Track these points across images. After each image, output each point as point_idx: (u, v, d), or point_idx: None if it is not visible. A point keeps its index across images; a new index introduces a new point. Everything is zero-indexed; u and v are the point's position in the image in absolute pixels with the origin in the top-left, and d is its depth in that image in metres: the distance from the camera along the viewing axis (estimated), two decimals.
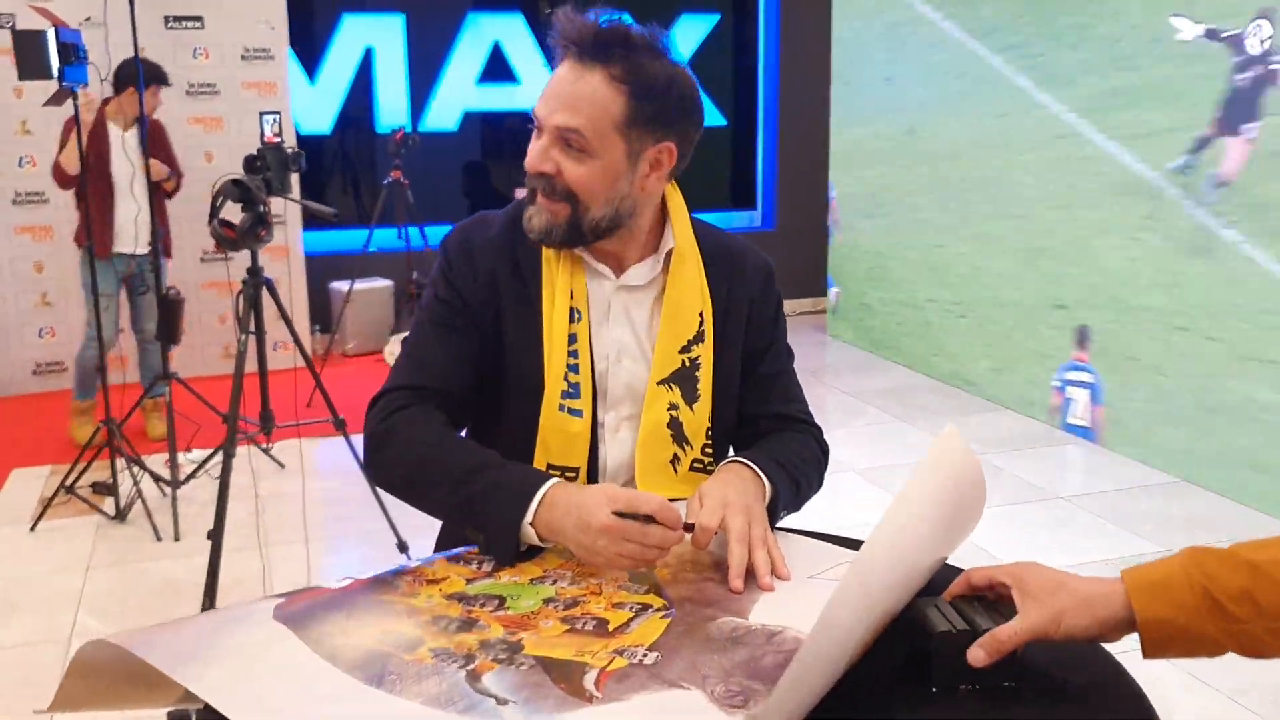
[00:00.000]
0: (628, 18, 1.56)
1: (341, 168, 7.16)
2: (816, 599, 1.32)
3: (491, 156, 7.42)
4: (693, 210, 1.64)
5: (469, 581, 1.36)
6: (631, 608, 1.29)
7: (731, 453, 1.68)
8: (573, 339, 1.56)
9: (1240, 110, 4.21)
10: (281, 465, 4.45)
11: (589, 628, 1.25)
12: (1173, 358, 4.62)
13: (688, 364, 1.59)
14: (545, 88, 1.52)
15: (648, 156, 1.52)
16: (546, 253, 1.58)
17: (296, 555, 3.78)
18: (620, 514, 1.34)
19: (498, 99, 7.21)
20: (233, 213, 2.86)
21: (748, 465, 1.52)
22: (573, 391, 1.55)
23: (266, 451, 4.36)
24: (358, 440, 3.69)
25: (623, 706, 1.09)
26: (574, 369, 1.56)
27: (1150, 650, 1.12)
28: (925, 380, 6.26)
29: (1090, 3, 4.94)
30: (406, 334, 1.70)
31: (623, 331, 1.61)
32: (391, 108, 6.99)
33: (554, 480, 1.42)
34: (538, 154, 1.51)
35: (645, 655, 1.18)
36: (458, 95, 7.13)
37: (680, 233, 1.62)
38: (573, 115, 1.47)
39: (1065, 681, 1.16)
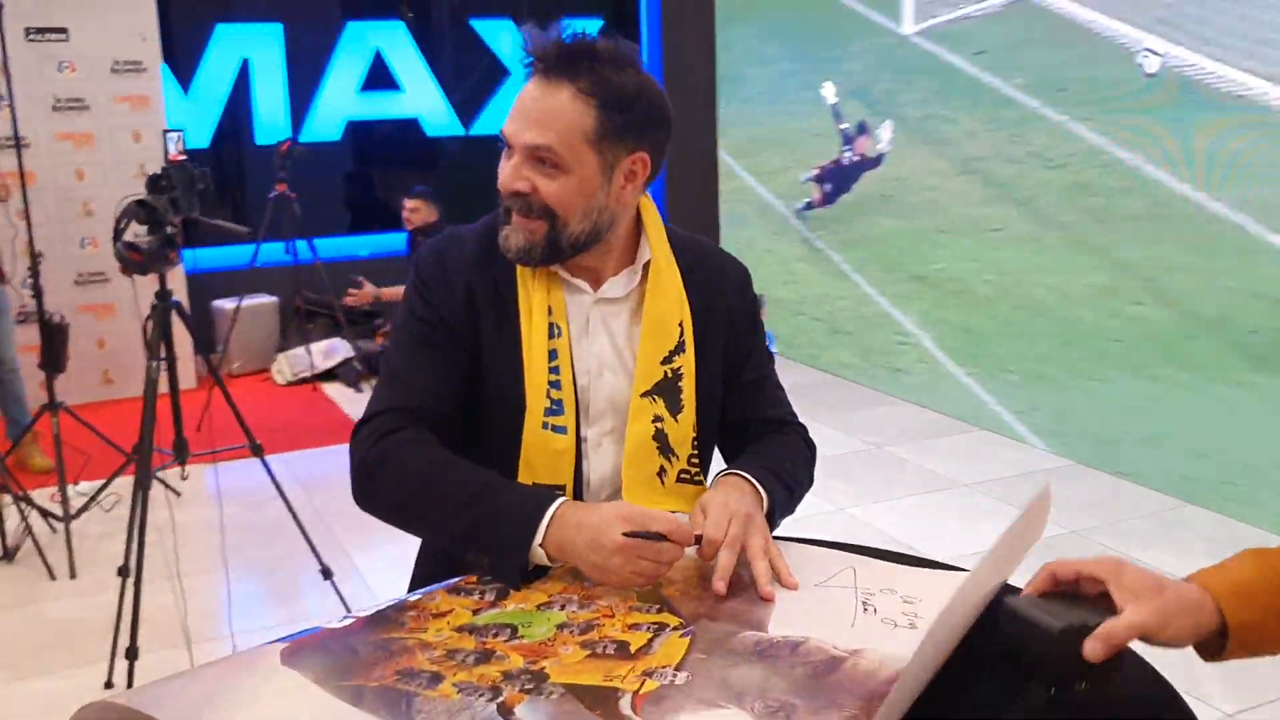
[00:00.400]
0: (593, 28, 1.54)
1: (221, 182, 6.94)
2: (830, 607, 1.33)
3: (377, 166, 7.29)
4: None
5: (475, 612, 1.33)
6: (648, 628, 1.28)
7: (719, 459, 1.68)
8: (553, 355, 1.54)
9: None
10: (178, 493, 4.29)
11: (610, 651, 1.23)
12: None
13: (670, 375, 1.58)
14: (513, 106, 1.50)
15: (622, 168, 1.51)
16: (522, 269, 1.56)
17: (213, 585, 3.64)
18: (631, 533, 1.33)
19: (381, 107, 7.09)
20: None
21: (742, 477, 1.52)
22: (556, 408, 1.54)
23: (161, 480, 4.19)
24: (274, 461, 3.63)
25: None
26: (556, 385, 1.54)
27: (1232, 653, 1.12)
28: (821, 376, 6.36)
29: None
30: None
31: (603, 345, 1.59)
32: (271, 119, 6.80)
33: (563, 499, 1.41)
34: (510, 173, 1.49)
35: (675, 676, 1.17)
36: (340, 105, 6.98)
37: (656, 243, 1.61)
38: (542, 132, 1.46)
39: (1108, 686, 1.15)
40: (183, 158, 2.95)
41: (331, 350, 6.47)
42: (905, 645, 1.21)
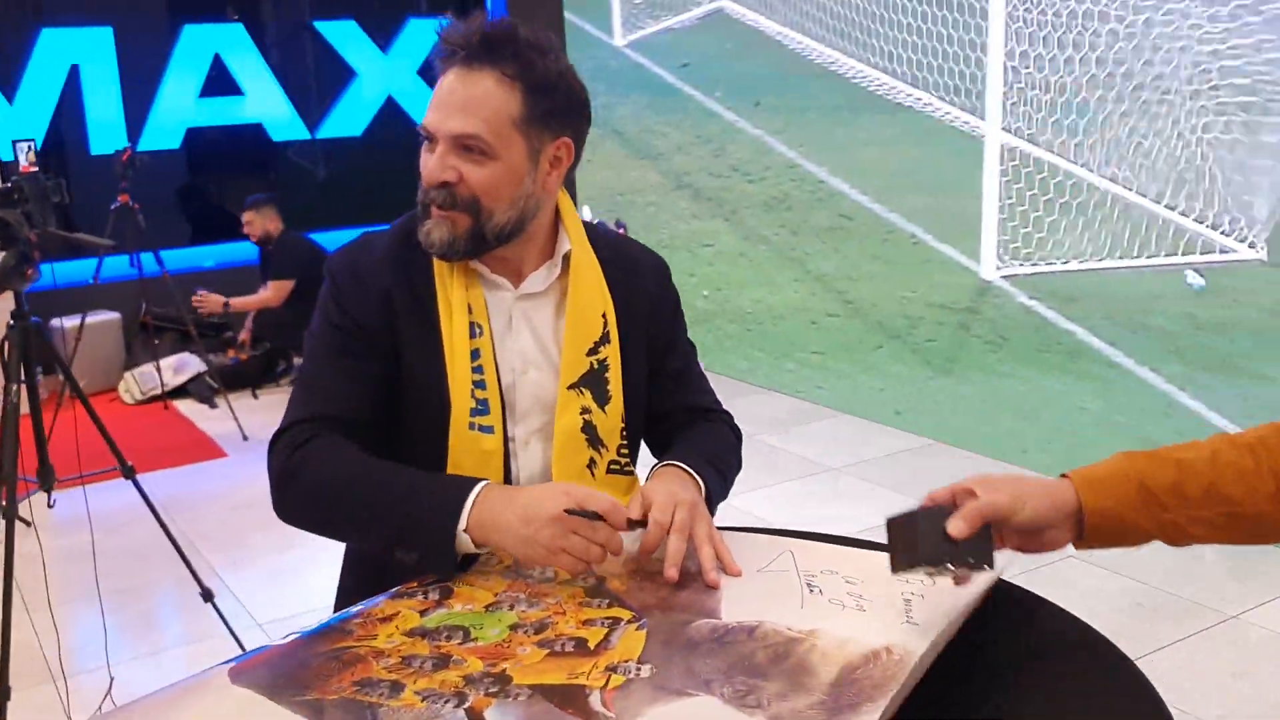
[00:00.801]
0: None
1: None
2: (777, 590, 1.35)
3: (219, 173, 7.05)
4: None
5: (422, 613, 1.31)
6: (603, 623, 1.28)
7: (645, 449, 1.69)
8: (476, 354, 1.53)
9: None
10: (29, 523, 4.06)
11: (570, 649, 1.22)
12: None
13: (596, 366, 1.58)
14: (432, 100, 1.48)
15: (547, 153, 1.52)
16: (440, 268, 1.54)
17: (85, 615, 3.47)
18: (571, 510, 1.35)
19: (222, 113, 6.86)
20: None
21: (679, 467, 1.54)
22: (481, 408, 1.52)
23: (13, 514, 3.96)
24: (146, 482, 3.46)
25: (648, 719, 1.08)
26: (481, 385, 1.53)
27: (1089, 539, 1.25)
28: None
29: None
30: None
31: (526, 342, 1.59)
32: (106, 127, 6.50)
33: (486, 481, 1.42)
34: (436, 164, 1.47)
35: (639, 669, 1.17)
36: (178, 111, 6.72)
37: (574, 234, 1.61)
38: (468, 119, 1.45)
39: (1078, 676, 1.22)
40: (34, 169, 2.80)
41: (182, 366, 6.23)
42: (857, 626, 1.24)
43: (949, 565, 1.23)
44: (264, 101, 6.95)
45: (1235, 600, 3.35)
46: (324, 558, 3.98)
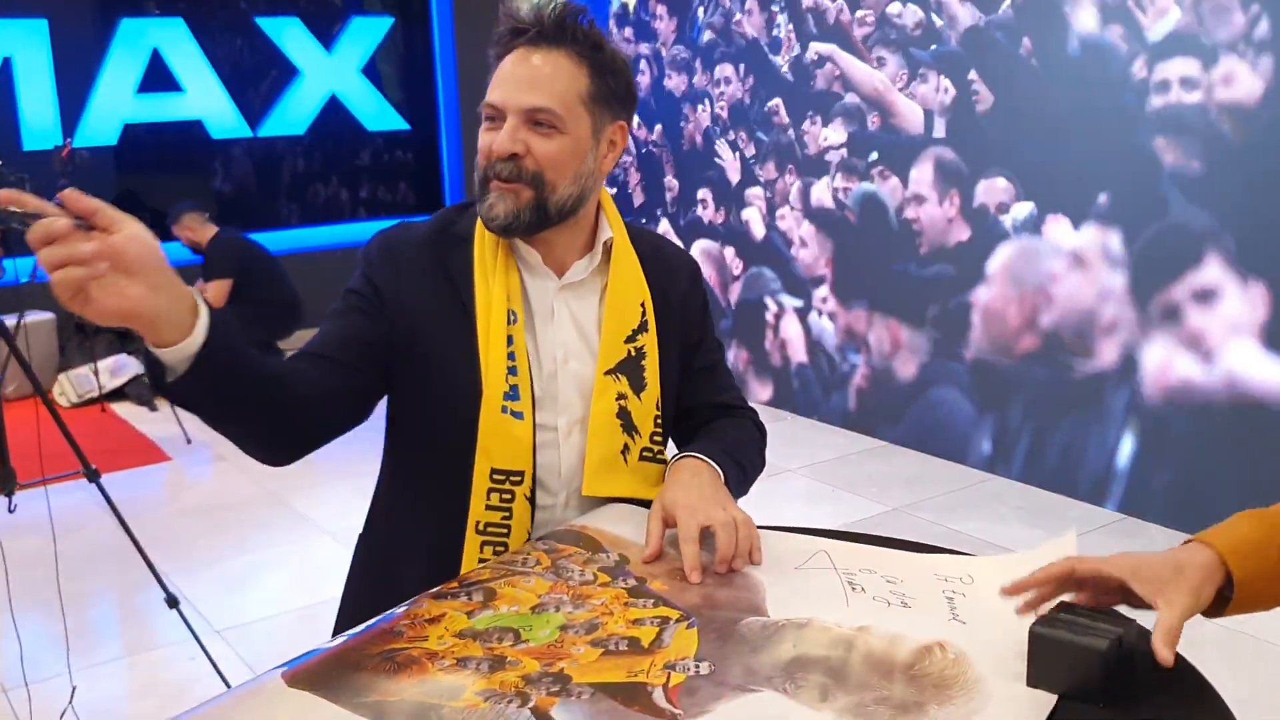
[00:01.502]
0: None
1: None
2: (820, 588, 1.37)
3: (158, 170, 6.89)
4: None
5: (469, 615, 1.30)
6: (652, 622, 1.28)
7: (672, 446, 1.70)
8: (510, 341, 1.52)
9: None
10: None
11: (624, 648, 1.22)
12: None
13: (633, 353, 1.59)
14: (496, 77, 1.51)
15: (607, 134, 1.56)
16: (481, 256, 1.54)
17: (41, 619, 3.37)
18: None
19: (161, 109, 6.70)
20: None
21: (697, 457, 1.56)
22: (513, 393, 1.52)
23: None
24: (75, 489, 3.36)
25: (717, 715, 1.08)
26: (513, 370, 1.52)
27: (1234, 609, 1.17)
28: None
29: None
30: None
31: (568, 333, 1.59)
32: (39, 122, 6.32)
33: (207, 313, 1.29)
34: (506, 137, 1.47)
35: (697, 666, 1.18)
36: (115, 106, 6.56)
37: (615, 224, 1.63)
38: (540, 94, 1.47)
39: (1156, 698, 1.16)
40: None
41: (119, 368, 6.09)
42: (905, 623, 1.26)
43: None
44: (204, 98, 6.81)
45: None
46: (277, 563, 3.94)
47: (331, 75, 7.15)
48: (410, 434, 1.59)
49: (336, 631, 1.54)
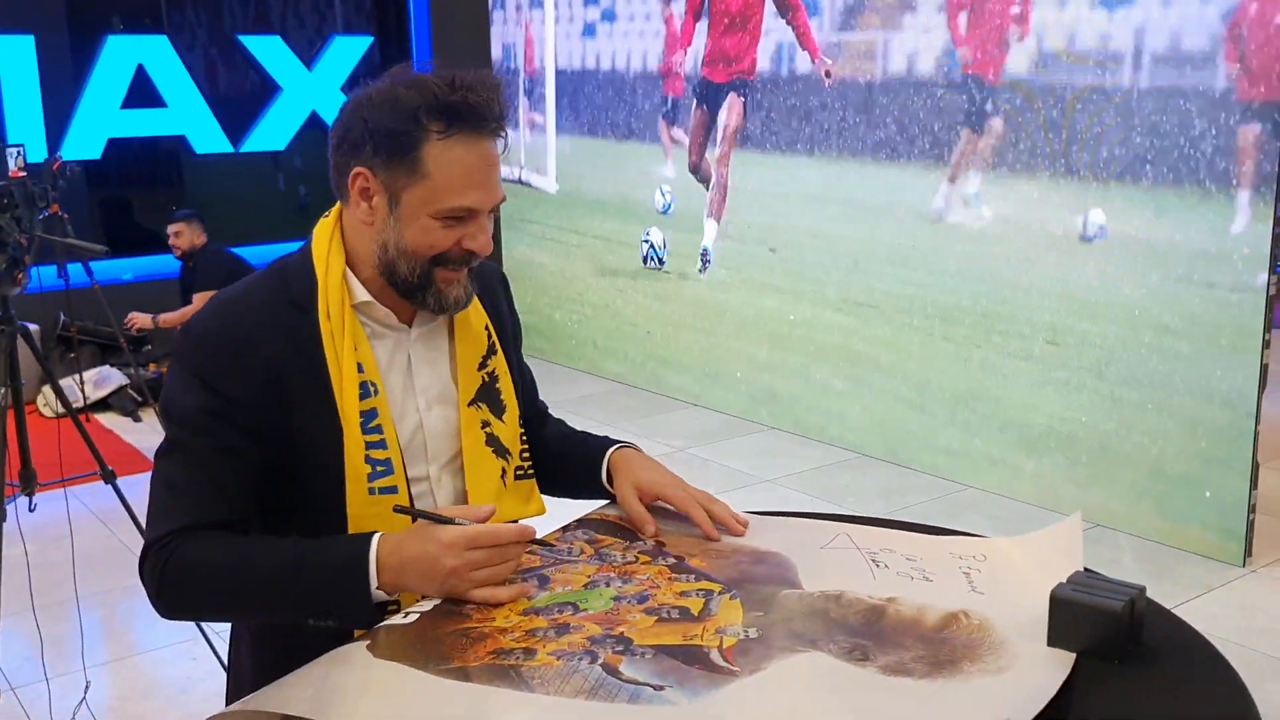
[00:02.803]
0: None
1: None
2: (846, 565, 1.50)
3: (141, 185, 6.95)
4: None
5: (528, 597, 1.40)
6: (698, 594, 1.40)
7: None
8: (372, 415, 1.49)
9: None
10: None
11: (675, 616, 1.34)
12: None
13: (487, 379, 1.61)
14: (467, 176, 1.43)
15: None
16: (326, 328, 1.48)
17: (62, 619, 3.43)
18: (402, 510, 1.43)
19: (145, 124, 6.76)
20: None
21: (631, 446, 1.72)
22: (385, 468, 1.49)
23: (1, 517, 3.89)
24: (81, 494, 3.44)
25: (768, 675, 1.21)
26: (380, 444, 1.49)
27: None
28: (616, 385, 6.56)
29: None
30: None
31: (426, 379, 1.58)
32: (25, 136, 6.36)
33: (378, 538, 1.38)
34: (487, 237, 1.49)
35: (746, 631, 1.30)
36: (100, 121, 6.61)
37: None
38: (500, 188, 1.49)
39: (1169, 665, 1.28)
40: (23, 173, 2.81)
41: (103, 379, 6.13)
42: (930, 594, 1.39)
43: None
44: (187, 114, 6.88)
45: None
46: None
47: (312, 93, 7.24)
48: (283, 513, 1.50)
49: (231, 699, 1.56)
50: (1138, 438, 4.10)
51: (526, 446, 1.66)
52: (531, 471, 1.67)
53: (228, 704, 1.46)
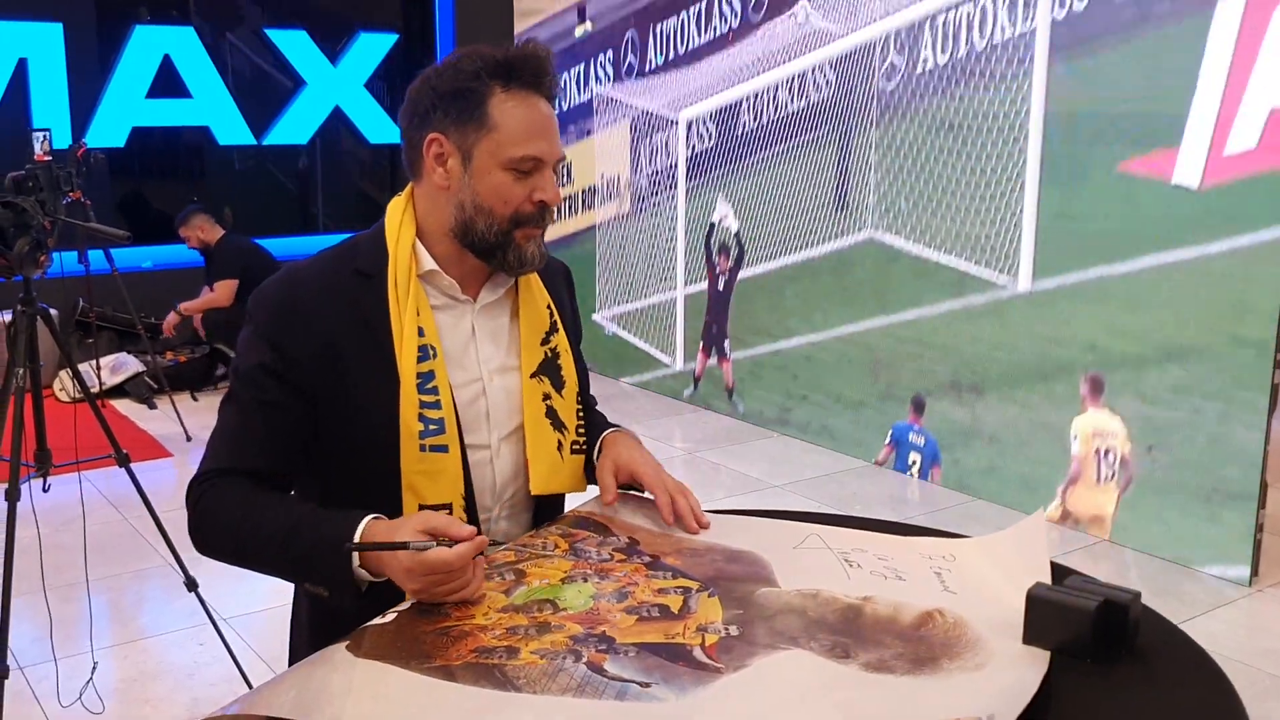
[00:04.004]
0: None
1: None
2: (820, 565, 1.51)
3: (164, 174, 7.03)
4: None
5: (506, 593, 1.41)
6: (676, 591, 1.42)
7: None
8: (430, 376, 1.55)
9: None
10: None
11: (655, 614, 1.36)
12: None
13: (550, 354, 1.68)
14: (531, 129, 1.53)
15: None
16: (393, 294, 1.56)
17: (76, 597, 3.49)
18: (354, 547, 1.42)
19: (169, 114, 6.84)
20: None
21: (625, 430, 1.77)
22: (437, 427, 1.55)
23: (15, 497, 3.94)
24: (95, 478, 3.48)
25: (753, 672, 1.22)
26: (435, 405, 1.55)
27: None
28: (626, 387, 6.59)
29: None
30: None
31: (488, 351, 1.64)
32: (51, 123, 6.44)
33: (365, 522, 1.42)
34: (555, 188, 1.57)
35: (727, 629, 1.32)
36: (125, 110, 6.69)
37: None
38: (561, 144, 1.59)
39: (1155, 664, 1.30)
40: (48, 158, 2.86)
41: (119, 365, 6.20)
42: (903, 593, 1.41)
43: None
44: (211, 105, 6.95)
45: None
46: None
47: (336, 87, 7.30)
48: (338, 470, 1.59)
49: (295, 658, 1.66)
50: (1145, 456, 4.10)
51: (583, 422, 1.72)
52: (586, 447, 1.73)
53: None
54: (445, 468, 1.56)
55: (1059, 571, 1.48)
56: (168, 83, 6.81)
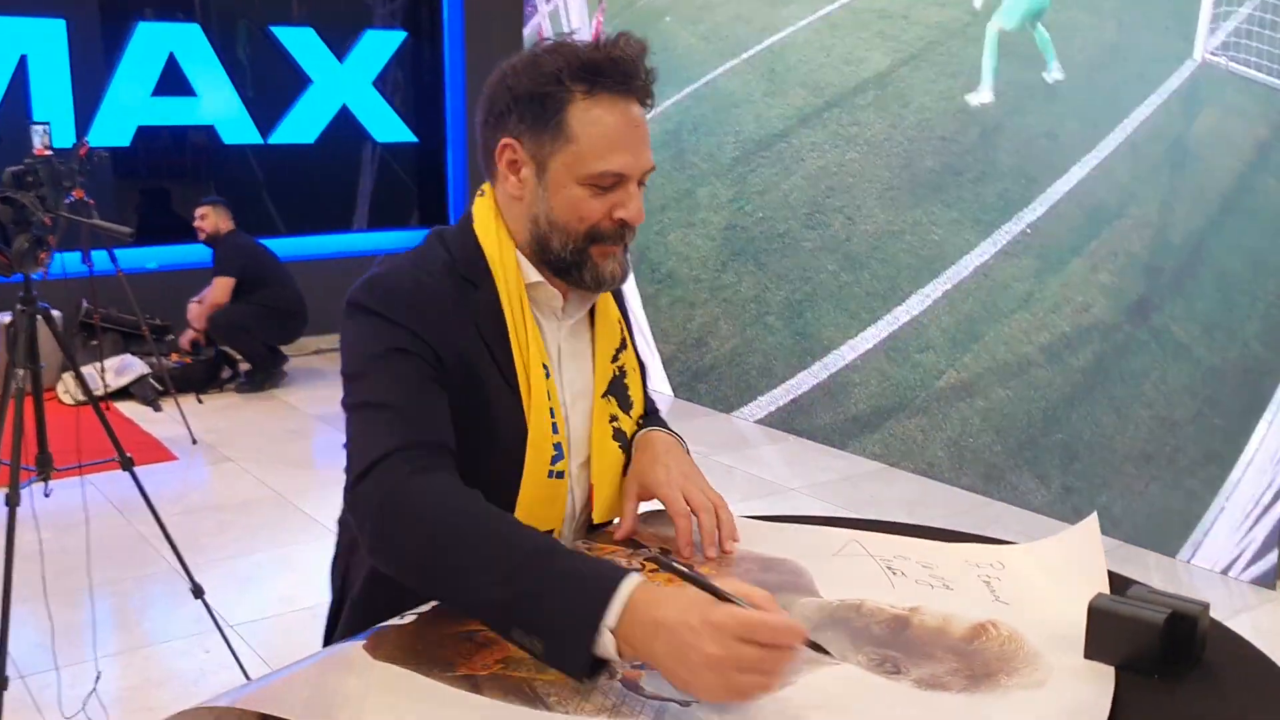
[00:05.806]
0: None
1: None
2: (863, 573, 1.43)
3: (169, 173, 6.96)
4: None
5: None
6: None
7: None
8: (547, 396, 1.45)
9: None
10: None
11: None
12: None
13: (618, 373, 1.57)
14: (611, 139, 1.37)
15: None
16: (510, 306, 1.43)
17: (73, 607, 3.41)
18: (662, 563, 1.22)
19: (174, 112, 6.77)
20: None
21: (663, 431, 1.59)
22: (558, 453, 1.45)
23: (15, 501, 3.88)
24: (99, 482, 3.41)
25: (799, 688, 1.15)
26: (554, 429, 1.46)
27: None
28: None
29: None
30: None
31: (572, 372, 1.54)
32: (53, 120, 6.36)
33: (638, 577, 1.15)
34: (639, 205, 1.40)
35: None
36: (130, 108, 6.62)
37: None
38: (650, 152, 1.42)
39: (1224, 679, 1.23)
40: (49, 152, 2.78)
41: (124, 368, 6.12)
42: (952, 604, 1.33)
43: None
44: (217, 104, 6.89)
45: None
46: (284, 561, 3.98)
47: (343, 86, 7.24)
48: None
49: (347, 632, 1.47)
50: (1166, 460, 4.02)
51: None
52: None
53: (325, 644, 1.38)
54: (560, 494, 1.47)
55: (1116, 581, 1.39)
56: (173, 81, 6.75)
